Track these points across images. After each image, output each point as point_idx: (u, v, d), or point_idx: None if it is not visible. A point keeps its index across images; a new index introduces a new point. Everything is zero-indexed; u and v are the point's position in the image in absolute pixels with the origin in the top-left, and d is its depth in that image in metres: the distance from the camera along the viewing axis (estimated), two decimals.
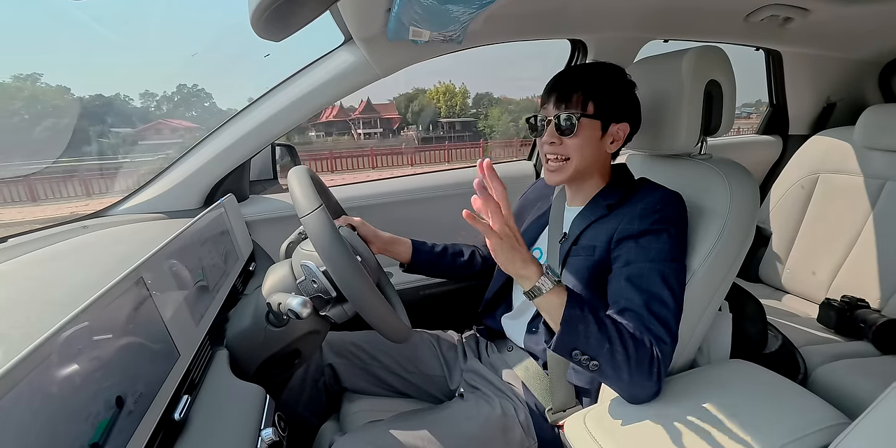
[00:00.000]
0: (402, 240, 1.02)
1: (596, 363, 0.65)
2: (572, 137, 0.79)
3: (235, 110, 1.18)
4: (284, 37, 0.65)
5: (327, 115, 36.44)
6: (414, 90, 41.50)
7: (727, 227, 0.76)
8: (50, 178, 11.47)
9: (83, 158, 20.66)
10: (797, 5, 1.19)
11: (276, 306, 0.70)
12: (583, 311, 0.66)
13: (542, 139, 0.82)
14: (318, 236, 0.67)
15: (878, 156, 1.30)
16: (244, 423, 0.59)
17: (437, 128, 36.82)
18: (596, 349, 0.65)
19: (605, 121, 0.80)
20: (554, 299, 0.66)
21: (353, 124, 37.18)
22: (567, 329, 0.65)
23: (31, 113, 37.42)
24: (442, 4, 0.84)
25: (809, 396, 0.69)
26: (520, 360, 0.91)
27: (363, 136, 35.71)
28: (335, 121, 37.09)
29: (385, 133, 36.48)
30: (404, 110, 39.31)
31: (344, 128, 37.55)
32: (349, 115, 37.86)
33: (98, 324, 0.45)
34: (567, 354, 0.66)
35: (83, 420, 0.40)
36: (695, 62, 0.81)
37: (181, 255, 0.70)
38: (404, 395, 1.00)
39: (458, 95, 38.46)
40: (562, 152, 0.80)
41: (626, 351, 0.65)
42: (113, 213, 1.10)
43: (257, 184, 1.36)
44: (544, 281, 0.65)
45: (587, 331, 0.65)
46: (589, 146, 0.80)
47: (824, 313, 1.23)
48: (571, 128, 0.78)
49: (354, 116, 37.22)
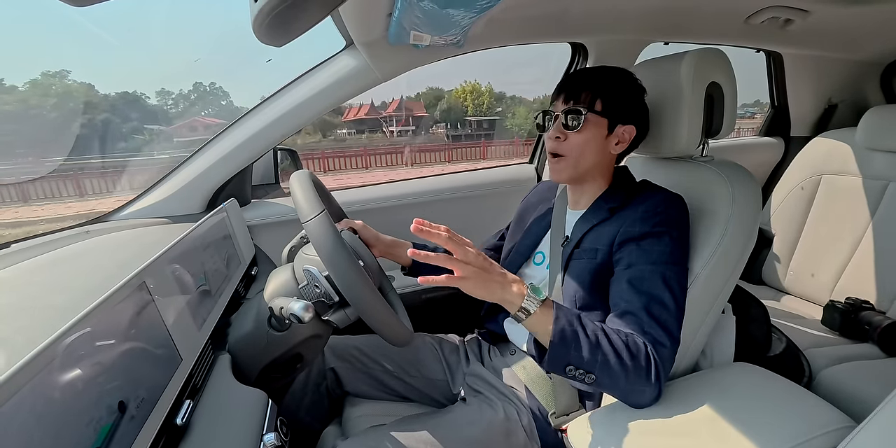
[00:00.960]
0: (404, 242, 1.02)
1: (592, 376, 0.65)
2: (578, 133, 0.80)
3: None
4: (286, 42, 0.66)
5: (357, 113, 37.54)
6: (429, 90, 42.65)
7: (729, 229, 0.76)
8: (96, 174, 11.86)
9: (122, 154, 21.00)
10: (797, 7, 1.19)
11: (279, 310, 0.70)
12: (573, 326, 0.65)
13: (548, 134, 0.83)
14: (320, 241, 0.67)
15: (881, 157, 1.29)
16: (246, 427, 0.59)
17: (465, 126, 37.73)
18: (590, 363, 0.64)
19: (612, 120, 0.80)
20: (542, 318, 0.65)
21: (384, 122, 38.12)
22: (558, 346, 0.64)
23: (65, 109, 37.86)
24: (443, 8, 0.84)
25: (814, 399, 0.69)
26: (522, 364, 0.90)
27: (396, 134, 36.65)
28: (366, 118, 38.10)
29: (417, 130, 37.51)
30: (432, 108, 40.60)
31: (375, 125, 38.45)
32: (380, 112, 38.90)
33: (100, 329, 0.45)
34: (561, 371, 0.65)
35: (85, 425, 0.40)
36: (695, 64, 0.81)
37: (183, 260, 0.70)
38: (406, 400, 0.99)
39: (485, 94, 39.41)
40: (566, 148, 0.81)
41: (620, 360, 0.64)
42: (115, 217, 1.11)
43: (259, 188, 1.37)
44: (529, 302, 0.64)
45: (578, 345, 0.64)
46: (593, 143, 0.80)
47: (828, 315, 1.23)
48: (578, 123, 0.79)
49: (387, 114, 38.26)
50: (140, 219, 1.10)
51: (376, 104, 39.10)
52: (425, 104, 40.13)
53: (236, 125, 1.16)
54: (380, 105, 39.25)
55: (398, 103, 38.53)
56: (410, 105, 38.62)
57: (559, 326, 0.64)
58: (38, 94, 35.73)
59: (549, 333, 0.64)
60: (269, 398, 0.66)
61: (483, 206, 1.53)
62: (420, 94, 42.99)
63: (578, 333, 0.65)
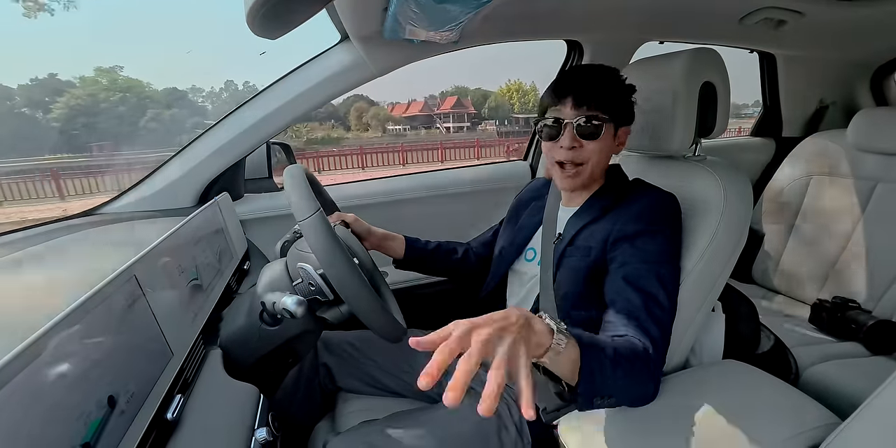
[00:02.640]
0: (396, 236, 1.03)
1: (614, 399, 0.64)
2: (596, 141, 0.77)
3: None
4: (280, 35, 0.65)
5: (406, 110, 38.67)
6: (455, 88, 44.83)
7: (721, 227, 0.77)
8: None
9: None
10: (791, 9, 1.20)
11: (271, 305, 0.69)
12: (597, 357, 0.59)
13: (559, 143, 0.78)
14: (316, 241, 0.67)
15: (870, 158, 1.31)
16: (238, 422, 0.59)
17: (513, 123, 39.71)
18: (612, 387, 0.61)
19: (617, 124, 0.80)
20: (571, 353, 0.56)
21: (437, 118, 39.52)
22: (587, 381, 0.58)
23: (131, 103, 37.66)
24: (438, 3, 0.83)
25: (801, 396, 0.70)
26: None
27: (452, 130, 38.04)
28: (419, 115, 39.45)
29: (471, 127, 39.34)
30: (480, 106, 42.98)
31: (428, 121, 39.78)
32: (433, 109, 40.41)
33: (90, 323, 0.44)
34: (589, 405, 0.61)
35: (75, 420, 0.39)
36: (689, 64, 0.81)
37: (175, 254, 0.70)
38: (399, 395, 1.00)
39: (530, 93, 41.60)
40: (582, 157, 0.78)
41: (631, 370, 0.63)
42: (106, 210, 1.10)
43: (252, 182, 1.36)
44: (559, 339, 0.53)
45: (603, 374, 0.59)
46: (606, 150, 0.80)
47: (816, 314, 1.24)
48: (597, 132, 0.76)
49: (442, 111, 39.64)
50: (131, 212, 1.09)
51: (394, 101, 40.23)
52: (474, 102, 42.40)
53: (229, 118, 1.15)
54: (432, 103, 40.82)
55: (455, 101, 40.07)
56: (463, 103, 40.10)
57: (587, 361, 0.57)
58: (103, 88, 35.44)
59: (575, 371, 0.57)
60: (260, 393, 0.66)
61: (477, 202, 1.53)
62: (467, 92, 45.23)
63: (604, 362, 0.59)
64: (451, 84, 47.28)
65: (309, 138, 28.93)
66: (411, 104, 41.14)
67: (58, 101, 34.00)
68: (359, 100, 42.63)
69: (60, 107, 33.33)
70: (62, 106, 33.37)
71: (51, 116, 33.69)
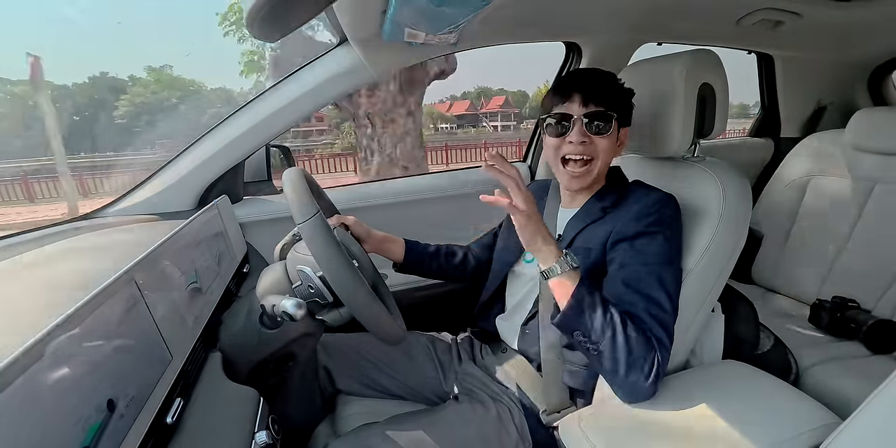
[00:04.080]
0: (395, 239, 1.03)
1: (596, 348, 0.67)
2: (605, 137, 0.79)
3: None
4: (280, 37, 0.65)
5: (449, 109, 40.49)
6: (477, 89, 46.38)
7: (720, 228, 0.77)
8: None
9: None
10: (789, 9, 1.20)
11: (270, 308, 0.69)
12: (592, 297, 0.68)
13: (569, 138, 0.79)
14: (316, 244, 0.67)
15: (868, 158, 1.31)
16: (237, 426, 0.58)
17: None
18: (599, 334, 0.67)
19: (620, 124, 0.81)
20: (567, 282, 0.69)
21: (483, 117, 40.87)
22: (574, 308, 0.68)
23: (191, 101, 38.18)
24: (437, 6, 0.84)
25: (801, 397, 0.70)
26: (514, 363, 0.91)
27: (500, 128, 39.30)
28: (466, 114, 40.53)
29: (516, 126, 40.60)
30: (521, 105, 44.95)
31: (473, 120, 40.93)
32: (477, 109, 41.74)
33: (89, 326, 0.44)
34: (569, 333, 0.70)
35: (74, 424, 0.39)
36: (688, 65, 0.82)
37: (174, 257, 0.70)
38: (399, 398, 0.99)
39: None
40: (591, 152, 0.79)
41: (627, 344, 0.66)
42: (105, 214, 1.09)
43: (251, 185, 1.36)
44: (562, 262, 0.69)
45: (593, 315, 0.67)
46: (612, 148, 0.81)
47: (816, 314, 1.24)
48: (607, 127, 0.78)
49: (489, 110, 41.12)
50: (130, 215, 1.09)
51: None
52: (516, 102, 44.46)
53: (229, 121, 1.14)
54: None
55: (504, 100, 41.46)
56: (510, 102, 41.76)
57: (580, 294, 0.68)
58: (164, 87, 35.62)
59: (568, 296, 0.68)
60: (260, 396, 0.65)
61: (476, 204, 1.52)
62: (502, 91, 47.50)
63: (596, 305, 0.68)
64: (475, 85, 48.50)
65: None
66: (454, 104, 42.18)
67: (122, 98, 34.35)
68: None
69: (125, 104, 33.60)
70: (127, 103, 33.66)
71: (116, 114, 33.91)
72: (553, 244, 0.71)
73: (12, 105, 36.14)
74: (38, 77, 6.73)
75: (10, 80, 39.00)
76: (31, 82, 14.23)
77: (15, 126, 32.04)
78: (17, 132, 30.80)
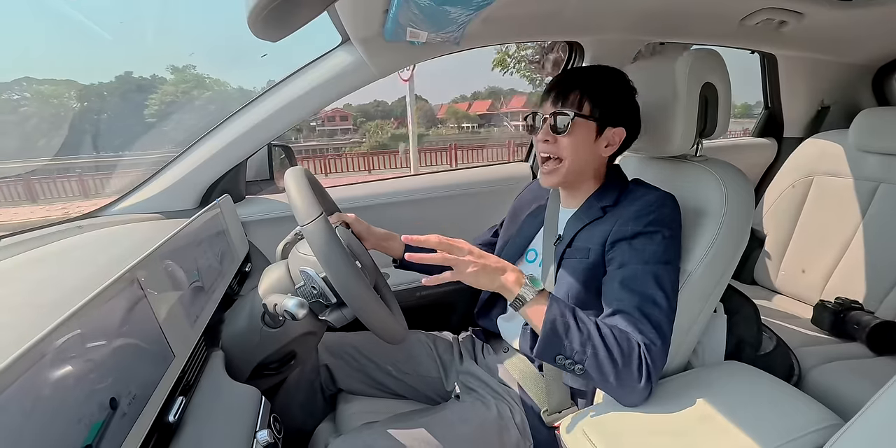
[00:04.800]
0: (396, 235, 1.02)
1: (581, 367, 0.67)
2: (566, 136, 0.79)
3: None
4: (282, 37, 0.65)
5: (474, 108, 40.65)
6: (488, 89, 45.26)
7: (722, 228, 0.77)
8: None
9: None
10: (792, 9, 1.20)
11: (272, 307, 0.69)
12: (564, 318, 0.68)
13: (538, 137, 0.82)
14: (319, 246, 0.67)
15: (872, 159, 1.31)
16: (239, 424, 0.59)
17: None
18: (580, 354, 0.66)
19: (601, 123, 0.80)
20: (537, 307, 0.69)
21: (505, 117, 40.99)
22: (549, 334, 0.67)
23: (219, 101, 38.66)
24: (439, 5, 0.84)
25: (803, 398, 0.70)
26: (515, 362, 0.91)
27: (522, 128, 39.52)
28: (487, 114, 40.57)
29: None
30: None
31: (494, 120, 40.91)
32: (498, 109, 41.57)
33: (92, 325, 0.44)
34: (551, 360, 0.69)
35: (76, 422, 0.39)
36: (690, 65, 0.81)
37: (177, 256, 0.70)
38: (400, 397, 1.00)
39: None
40: (554, 151, 0.81)
41: (610, 355, 0.65)
42: (108, 213, 1.10)
43: (254, 184, 1.36)
44: (525, 291, 0.69)
45: (568, 335, 0.67)
46: (583, 147, 0.80)
47: (818, 315, 1.24)
48: (565, 126, 0.78)
49: (510, 109, 41.01)
50: (133, 214, 1.09)
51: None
52: (530, 102, 44.15)
53: (231, 120, 1.15)
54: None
55: (525, 100, 41.91)
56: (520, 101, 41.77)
57: (551, 316, 0.68)
58: (193, 86, 35.93)
59: (542, 322, 0.68)
60: (262, 395, 0.66)
61: (478, 204, 1.53)
62: (512, 91, 47.50)
63: (570, 325, 0.67)
64: (485, 85, 48.55)
65: (393, 134, 29.39)
66: (473, 104, 42.42)
67: (151, 98, 34.66)
68: (418, 100, 43.31)
69: (155, 103, 33.88)
70: (156, 102, 33.95)
71: (147, 112, 34.22)
72: (509, 273, 0.70)
73: (39, 104, 36.36)
74: None
75: (35, 80, 39.31)
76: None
77: (44, 124, 32.33)
78: (45, 130, 31.09)
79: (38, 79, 39.16)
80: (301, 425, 0.95)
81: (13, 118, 35.88)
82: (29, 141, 26.95)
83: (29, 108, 37.46)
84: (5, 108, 38.39)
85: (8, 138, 29.16)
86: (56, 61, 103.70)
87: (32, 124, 33.47)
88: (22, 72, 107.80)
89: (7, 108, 38.43)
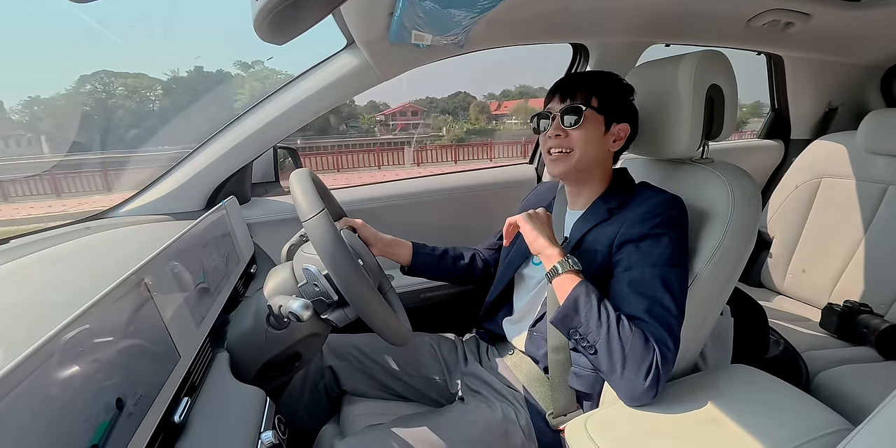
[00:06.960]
0: (403, 242, 1.03)
1: (593, 347, 0.68)
2: (577, 129, 0.81)
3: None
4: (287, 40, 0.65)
5: (497, 108, 40.67)
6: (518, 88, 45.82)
7: (729, 231, 0.76)
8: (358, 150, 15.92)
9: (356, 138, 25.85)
10: (798, 10, 1.19)
11: (277, 309, 0.70)
12: (588, 297, 0.71)
13: (547, 133, 0.83)
14: (320, 240, 0.67)
15: (880, 160, 1.30)
16: (244, 425, 0.59)
17: None
18: (595, 334, 0.68)
19: (608, 118, 0.82)
20: (567, 282, 0.73)
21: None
22: (570, 306, 0.71)
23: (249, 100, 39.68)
24: (444, 8, 0.84)
25: (812, 402, 0.69)
26: (520, 364, 0.91)
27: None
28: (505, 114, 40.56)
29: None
30: None
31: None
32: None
33: (99, 326, 0.45)
34: (565, 332, 0.73)
35: (83, 422, 0.40)
36: (696, 66, 0.81)
37: (183, 258, 0.70)
38: (404, 399, 0.99)
39: None
40: (566, 144, 0.82)
41: (622, 343, 0.66)
42: (115, 214, 1.11)
43: (259, 186, 1.37)
44: (563, 263, 0.74)
45: (589, 313, 0.70)
46: (592, 140, 0.82)
47: (826, 318, 1.23)
48: (578, 119, 0.80)
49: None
50: (140, 215, 1.10)
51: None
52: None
53: (237, 123, 1.16)
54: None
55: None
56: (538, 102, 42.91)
57: (577, 292, 0.71)
58: (233, 84, 36.76)
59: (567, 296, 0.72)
60: (266, 396, 0.66)
61: (483, 205, 1.53)
62: (542, 90, 47.71)
63: (592, 305, 0.70)
64: (515, 83, 48.86)
65: (469, 128, 29.94)
66: (503, 103, 42.88)
67: (239, 92, 35.29)
68: (467, 96, 43.36)
69: (245, 97, 34.56)
70: (246, 96, 34.64)
71: (236, 106, 34.85)
72: (556, 246, 0.76)
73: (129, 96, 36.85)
74: None
75: (125, 74, 39.69)
76: None
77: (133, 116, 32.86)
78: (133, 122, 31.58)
79: (115, 72, 39.64)
80: (305, 427, 0.96)
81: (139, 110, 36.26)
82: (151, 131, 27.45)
83: (126, 101, 37.96)
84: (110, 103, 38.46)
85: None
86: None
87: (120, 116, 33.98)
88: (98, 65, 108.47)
89: (98, 104, 38.52)
